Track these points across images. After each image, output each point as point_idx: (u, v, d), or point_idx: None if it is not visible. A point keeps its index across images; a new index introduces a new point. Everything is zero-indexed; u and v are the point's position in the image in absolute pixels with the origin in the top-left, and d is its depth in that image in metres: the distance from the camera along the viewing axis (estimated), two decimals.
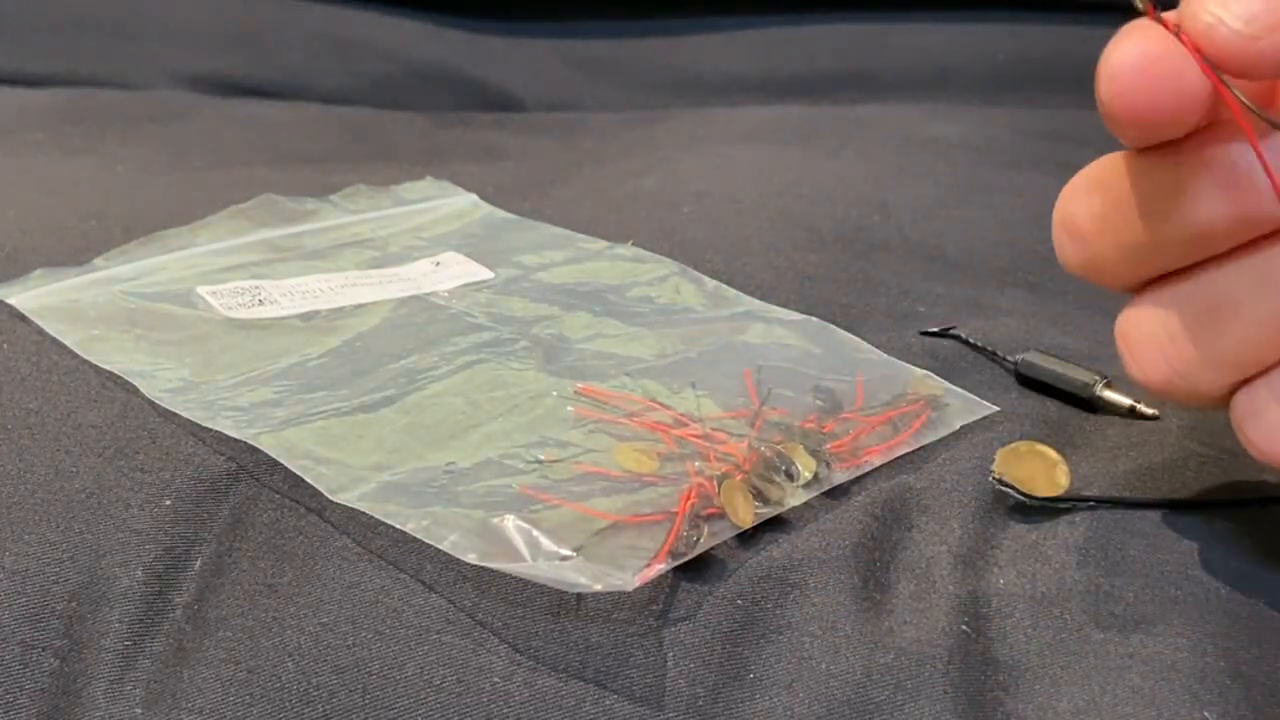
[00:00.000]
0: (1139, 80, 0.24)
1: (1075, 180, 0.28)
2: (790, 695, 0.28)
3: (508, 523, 0.31)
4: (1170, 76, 0.24)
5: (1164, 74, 0.24)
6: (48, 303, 0.42)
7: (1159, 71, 0.24)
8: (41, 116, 0.65)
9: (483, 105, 0.73)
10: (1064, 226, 0.28)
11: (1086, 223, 0.28)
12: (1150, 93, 0.24)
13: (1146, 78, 0.24)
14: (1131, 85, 0.24)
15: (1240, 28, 0.23)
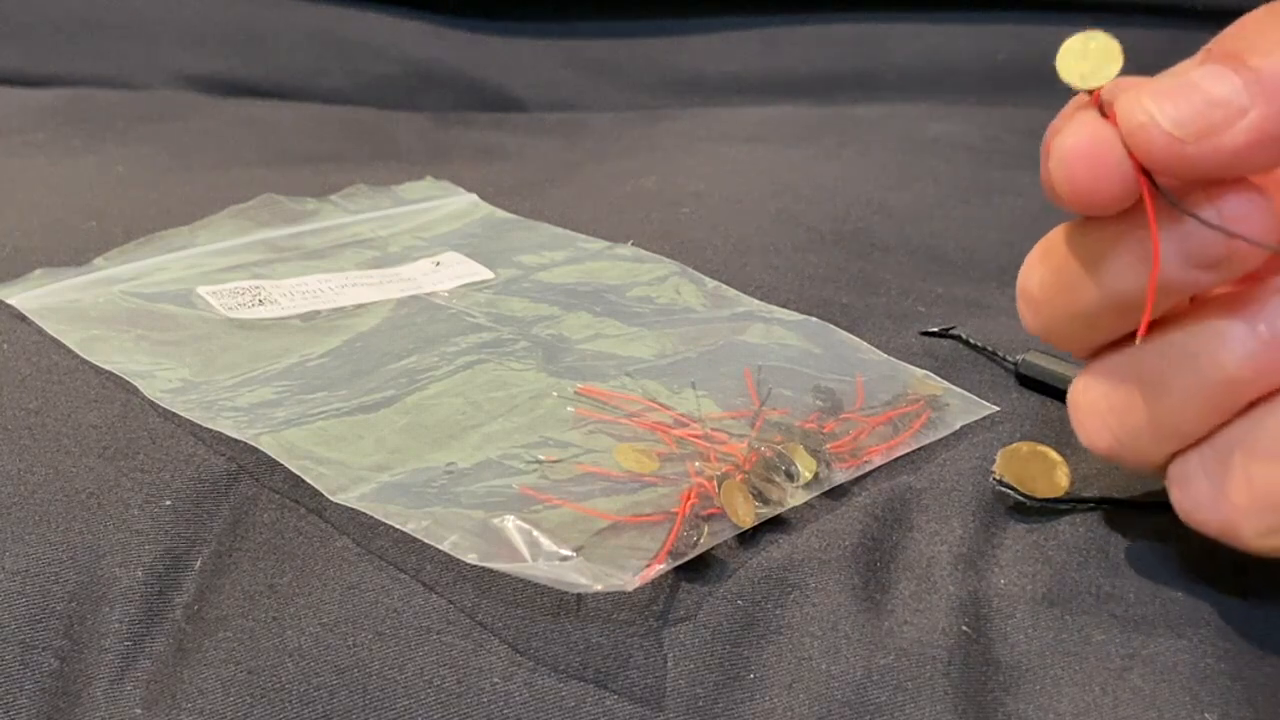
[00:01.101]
0: (1084, 167, 0.25)
1: (1033, 249, 0.29)
2: (790, 695, 0.28)
3: (508, 523, 0.31)
4: (1113, 165, 0.25)
5: (1107, 163, 0.25)
6: (48, 303, 0.42)
7: (1102, 161, 0.25)
8: (41, 116, 0.65)
9: (483, 105, 0.73)
10: (1021, 293, 0.29)
11: (1037, 290, 0.29)
12: (1093, 179, 0.25)
13: (1090, 166, 0.25)
14: (1076, 172, 0.25)
15: (1171, 130, 0.24)
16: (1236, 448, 0.26)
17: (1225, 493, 0.27)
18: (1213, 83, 0.24)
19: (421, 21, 0.75)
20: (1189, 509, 0.27)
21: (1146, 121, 0.25)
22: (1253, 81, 0.24)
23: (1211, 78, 0.24)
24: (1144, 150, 0.25)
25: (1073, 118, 0.26)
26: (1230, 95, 0.24)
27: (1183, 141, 0.24)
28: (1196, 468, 0.27)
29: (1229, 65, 0.24)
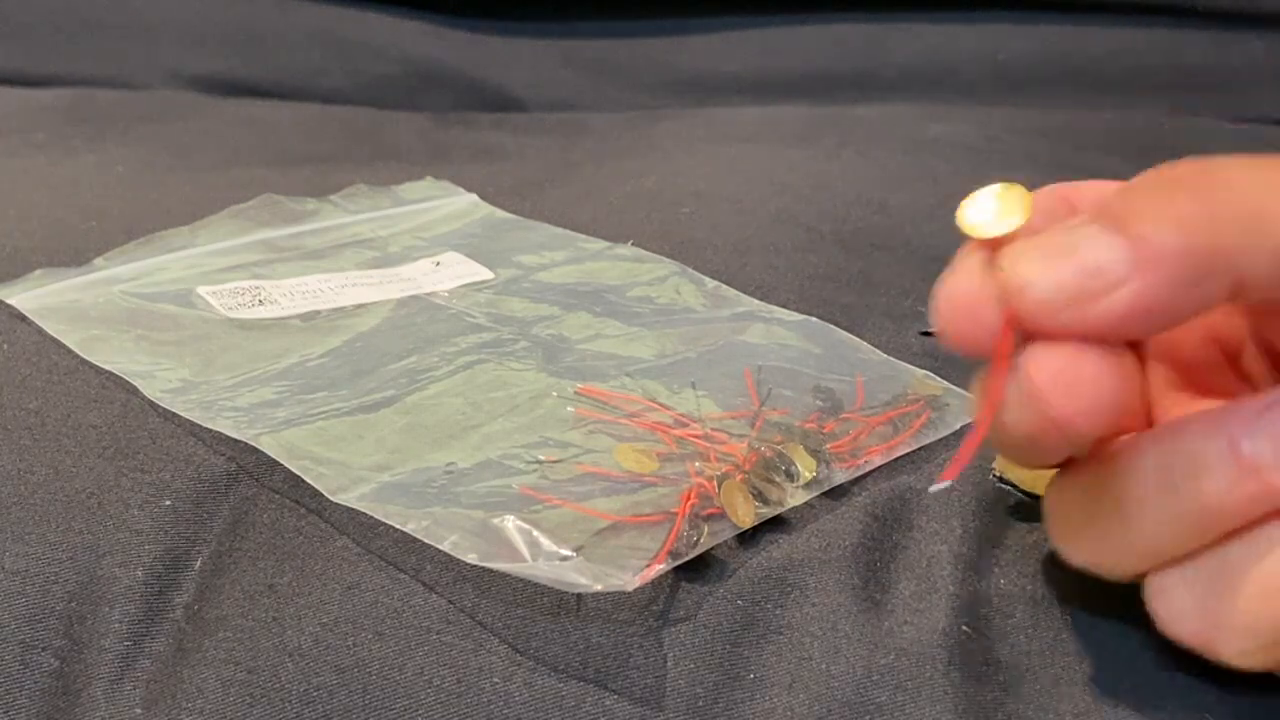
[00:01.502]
0: (960, 315, 0.25)
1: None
2: (790, 696, 0.28)
3: (508, 523, 0.31)
4: (987, 320, 0.25)
5: (981, 317, 0.25)
6: (48, 303, 0.42)
7: (977, 313, 0.25)
8: (41, 116, 0.65)
9: (483, 105, 0.73)
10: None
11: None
12: (969, 329, 0.25)
13: (967, 316, 0.25)
14: (953, 319, 0.25)
15: (1047, 297, 0.24)
16: (1221, 573, 0.25)
17: (1208, 613, 0.26)
18: (1095, 248, 0.23)
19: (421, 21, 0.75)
20: (1167, 621, 0.26)
21: (1023, 284, 0.24)
22: (1134, 250, 0.23)
23: (1094, 242, 0.23)
24: (1020, 311, 0.24)
25: (962, 261, 0.25)
26: (1109, 264, 0.23)
27: (1058, 309, 0.24)
28: (1177, 583, 0.26)
29: (1115, 229, 0.23)
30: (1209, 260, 0.23)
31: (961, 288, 0.25)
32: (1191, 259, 0.23)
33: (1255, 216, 0.23)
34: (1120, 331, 0.24)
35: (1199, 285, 0.23)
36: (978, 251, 0.25)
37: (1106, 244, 0.23)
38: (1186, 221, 0.23)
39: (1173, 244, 0.23)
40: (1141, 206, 0.23)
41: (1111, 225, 0.23)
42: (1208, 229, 0.23)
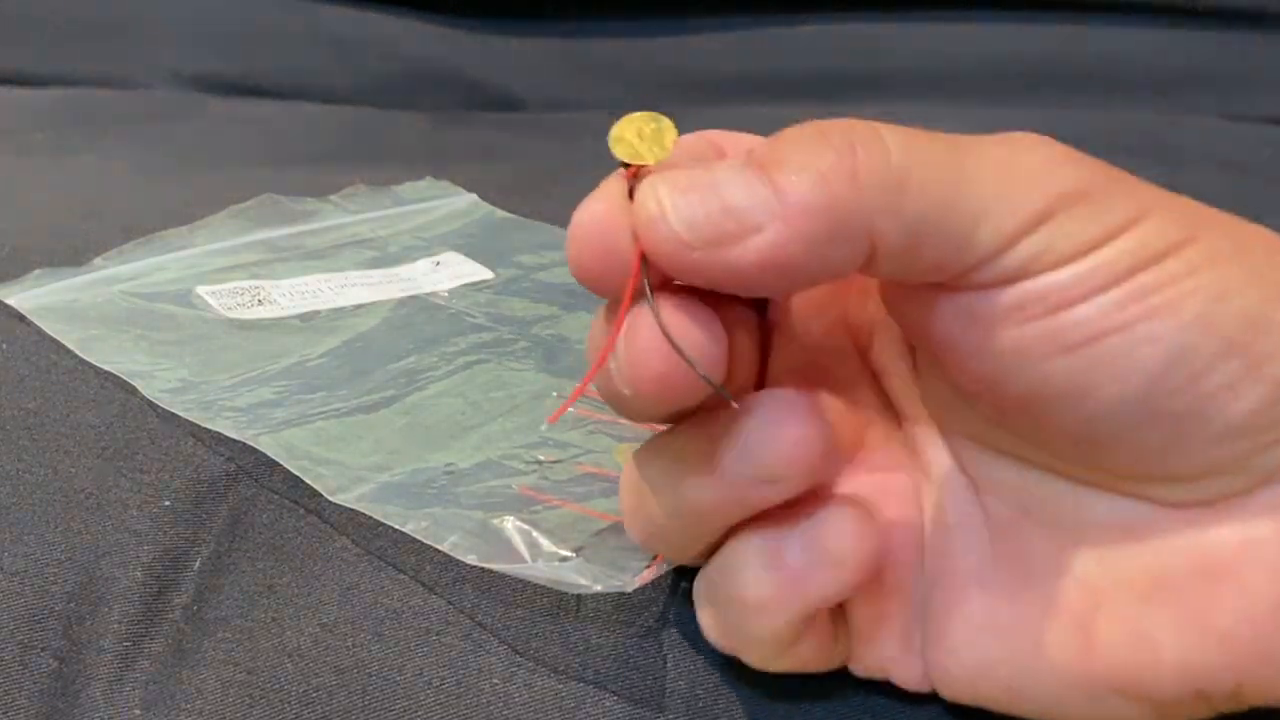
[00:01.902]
0: (589, 243, 0.24)
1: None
2: (791, 697, 0.28)
3: (507, 524, 0.31)
4: (619, 250, 0.24)
5: (613, 246, 0.24)
6: (47, 303, 0.42)
7: (609, 242, 0.24)
8: (41, 116, 0.65)
9: (483, 105, 0.73)
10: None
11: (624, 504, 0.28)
12: (599, 258, 0.24)
13: (597, 243, 0.24)
14: (582, 246, 0.24)
15: (680, 230, 0.23)
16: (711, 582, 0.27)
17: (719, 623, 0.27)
18: (735, 189, 0.23)
19: (421, 21, 0.75)
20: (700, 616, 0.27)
21: (657, 215, 0.23)
22: (774, 198, 0.22)
23: (736, 182, 0.23)
24: (651, 244, 0.23)
25: (603, 187, 0.24)
26: (748, 206, 0.22)
27: (690, 246, 0.23)
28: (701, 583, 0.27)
29: (758, 174, 0.23)
30: (847, 219, 0.22)
31: (597, 214, 0.24)
32: (830, 215, 0.22)
33: (898, 184, 0.22)
34: (751, 283, 0.23)
35: (835, 244, 0.22)
36: (620, 180, 0.24)
37: (748, 187, 0.22)
38: (829, 176, 0.22)
39: (813, 197, 0.22)
40: (787, 155, 0.23)
41: (756, 170, 0.23)
42: (849, 187, 0.22)
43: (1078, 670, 0.25)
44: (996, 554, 0.27)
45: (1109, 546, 0.25)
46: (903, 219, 0.22)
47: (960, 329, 0.24)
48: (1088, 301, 0.23)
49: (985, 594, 0.26)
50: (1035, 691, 0.25)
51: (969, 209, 0.23)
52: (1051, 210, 0.23)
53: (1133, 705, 0.25)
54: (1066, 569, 0.25)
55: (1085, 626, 0.25)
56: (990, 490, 0.27)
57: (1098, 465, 0.25)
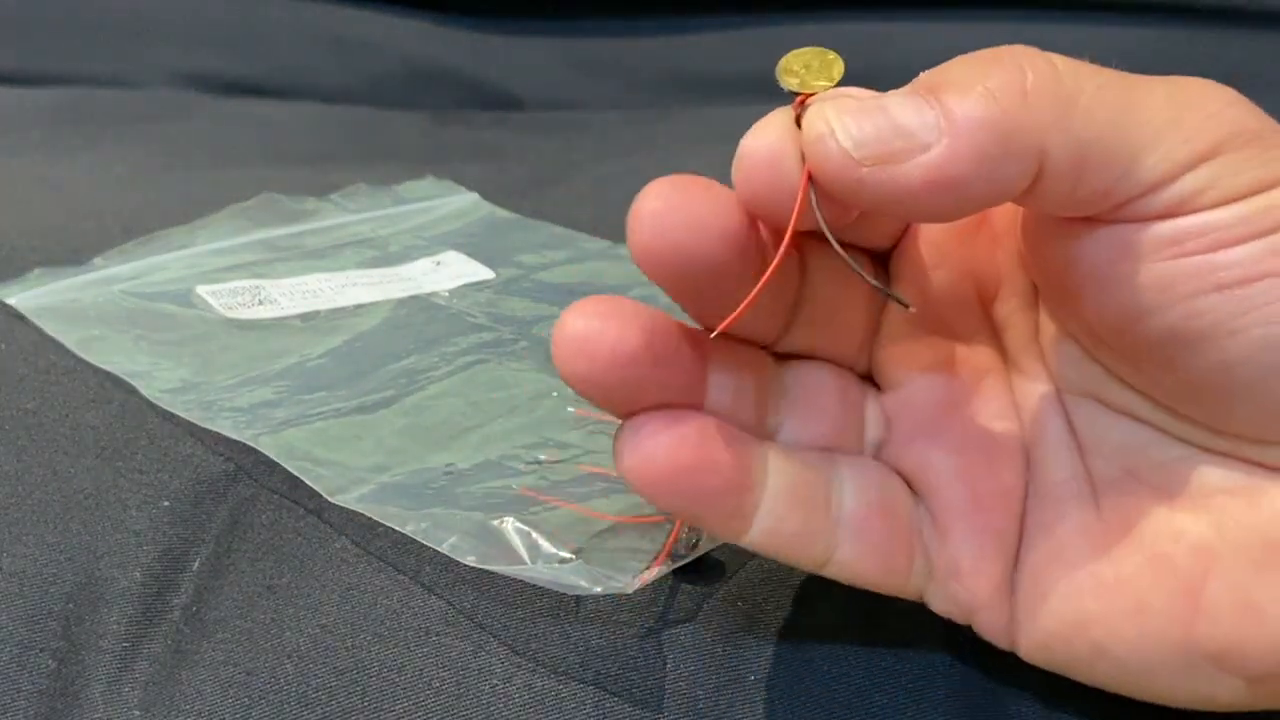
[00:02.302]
0: (758, 170, 0.24)
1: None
2: (791, 698, 0.28)
3: (507, 525, 0.31)
4: (787, 174, 0.24)
5: (781, 170, 0.24)
6: (46, 303, 0.42)
7: (777, 167, 0.24)
8: (41, 116, 0.65)
9: (483, 105, 0.73)
10: None
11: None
12: (767, 183, 0.24)
13: (766, 169, 0.24)
14: (750, 173, 0.24)
15: (848, 147, 0.23)
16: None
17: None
18: (903, 110, 0.23)
19: (421, 21, 0.75)
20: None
21: (825, 133, 0.23)
22: (942, 119, 0.23)
23: (903, 105, 0.23)
24: (818, 164, 0.23)
25: (769, 117, 0.24)
26: (917, 126, 0.23)
27: (858, 164, 0.23)
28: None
29: (926, 97, 0.23)
30: (1016, 134, 0.22)
31: (764, 141, 0.24)
32: (999, 129, 0.22)
33: (1068, 102, 0.22)
34: (917, 204, 0.23)
35: (1004, 161, 0.22)
36: (787, 111, 0.24)
37: (916, 108, 0.23)
38: (998, 93, 0.22)
39: (982, 112, 0.22)
40: (955, 77, 0.23)
41: (924, 93, 0.23)
42: (1019, 103, 0.22)
43: (1177, 635, 0.25)
44: (1103, 513, 0.26)
45: (1224, 512, 0.25)
46: (1072, 137, 0.22)
47: (1110, 262, 0.24)
48: (1248, 244, 0.23)
49: (1089, 550, 0.26)
50: (1124, 654, 0.25)
51: (1138, 135, 0.23)
52: (1221, 147, 0.23)
53: (1224, 678, 0.24)
54: (1178, 532, 0.25)
55: (1192, 590, 0.25)
56: (1099, 452, 0.27)
57: (1218, 421, 0.25)
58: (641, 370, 0.24)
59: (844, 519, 0.27)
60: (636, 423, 0.25)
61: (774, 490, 0.26)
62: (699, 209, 0.24)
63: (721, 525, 0.26)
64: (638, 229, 0.24)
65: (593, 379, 0.24)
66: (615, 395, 0.25)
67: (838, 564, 0.27)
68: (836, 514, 0.27)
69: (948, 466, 0.27)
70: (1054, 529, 0.27)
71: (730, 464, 0.25)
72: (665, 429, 0.25)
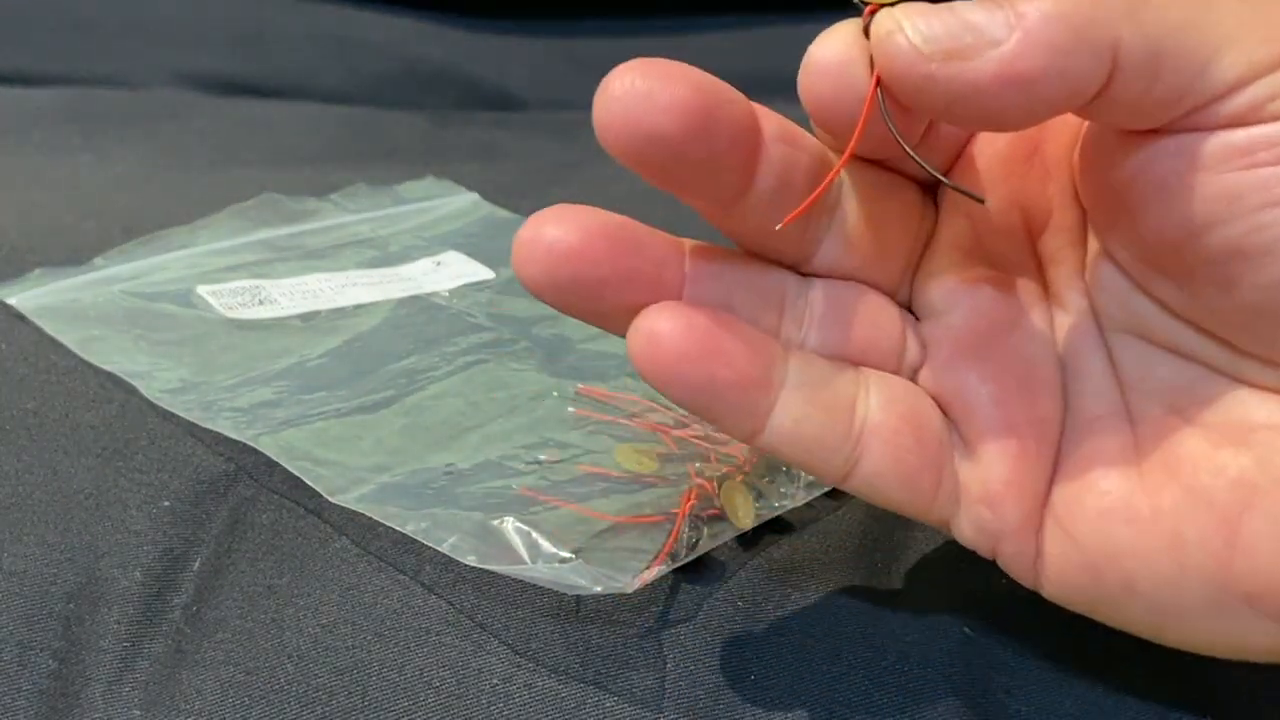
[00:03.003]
0: (825, 77, 0.24)
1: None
2: (791, 698, 0.28)
3: (507, 525, 0.31)
4: (854, 80, 0.24)
5: (848, 77, 0.24)
6: (46, 303, 0.42)
7: (844, 73, 0.24)
8: (41, 116, 0.65)
9: (483, 105, 0.73)
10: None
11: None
12: (833, 91, 0.24)
13: (833, 77, 0.24)
14: (817, 80, 0.24)
15: (917, 42, 0.23)
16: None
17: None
18: (974, 9, 0.23)
19: (421, 21, 0.75)
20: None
21: (894, 30, 0.23)
22: (1013, 17, 0.22)
23: (974, 6, 0.23)
24: (887, 61, 0.23)
25: (836, 26, 0.24)
26: (986, 24, 0.22)
27: (927, 59, 0.23)
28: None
29: (996, 1, 0.23)
30: (1089, 27, 0.22)
31: (831, 47, 0.24)
32: (1072, 21, 0.22)
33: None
34: (988, 104, 0.23)
35: (1076, 55, 0.22)
36: (856, 21, 0.24)
37: (987, 8, 0.22)
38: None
39: (1053, 6, 0.22)
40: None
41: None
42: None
43: (1211, 570, 0.24)
44: (1141, 448, 0.26)
45: (1269, 447, 0.24)
46: (1145, 31, 0.22)
47: (1176, 174, 0.23)
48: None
49: (1125, 483, 0.26)
50: (1155, 591, 0.25)
51: (1214, 33, 0.22)
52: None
53: (1257, 620, 0.24)
54: (1219, 467, 0.25)
55: (1231, 524, 0.24)
56: (1141, 388, 0.27)
57: (1271, 348, 0.24)
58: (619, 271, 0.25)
59: (869, 429, 0.26)
60: (651, 310, 0.25)
61: (793, 389, 0.26)
62: (658, 89, 0.23)
63: (734, 422, 0.25)
64: (600, 109, 0.24)
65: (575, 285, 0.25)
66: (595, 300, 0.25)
67: (860, 477, 0.26)
68: (861, 424, 0.26)
69: (984, 391, 0.27)
70: (1089, 461, 0.26)
71: (744, 355, 0.25)
72: (677, 315, 0.25)
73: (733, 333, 0.25)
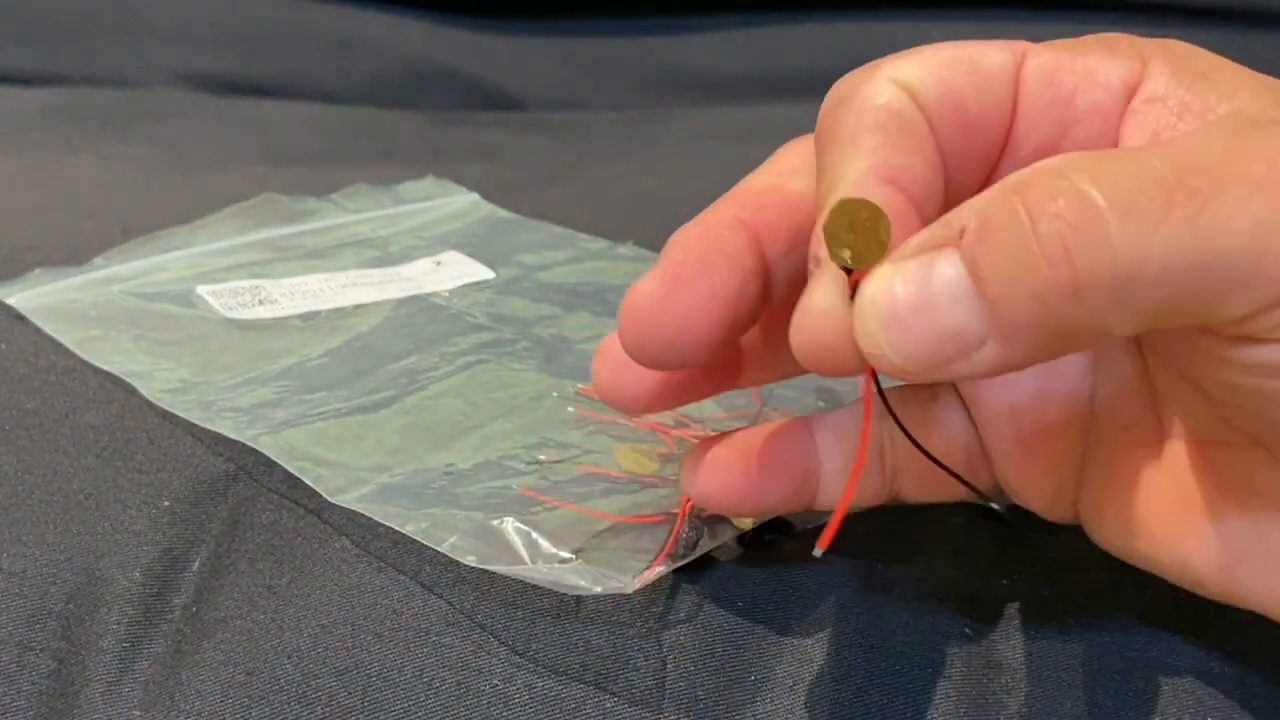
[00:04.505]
0: (818, 351, 0.23)
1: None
2: (791, 698, 0.28)
3: (507, 525, 0.31)
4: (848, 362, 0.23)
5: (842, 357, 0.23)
6: (46, 303, 0.42)
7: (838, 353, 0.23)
8: (40, 115, 0.65)
9: (483, 105, 0.73)
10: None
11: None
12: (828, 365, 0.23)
13: (826, 353, 0.23)
14: (812, 352, 0.23)
15: (899, 363, 0.22)
16: None
17: None
18: (950, 311, 0.21)
19: (421, 21, 0.75)
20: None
21: (876, 354, 0.22)
22: (991, 316, 0.21)
23: (950, 302, 0.21)
24: (876, 367, 0.23)
25: (819, 292, 0.23)
26: (966, 327, 0.21)
27: (913, 373, 0.22)
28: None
29: (972, 285, 0.21)
30: (1070, 331, 0.21)
31: (821, 332, 0.23)
32: (1051, 331, 0.21)
33: (1127, 283, 0.20)
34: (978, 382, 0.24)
35: (1063, 348, 0.22)
36: (839, 284, 0.23)
37: (963, 307, 0.21)
38: (1045, 296, 0.20)
39: (1029, 318, 0.21)
40: (999, 264, 0.21)
41: (969, 276, 0.21)
42: (1070, 303, 0.20)
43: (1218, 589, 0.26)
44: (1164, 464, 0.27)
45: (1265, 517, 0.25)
46: (1136, 314, 0.21)
47: (1192, 367, 0.24)
48: None
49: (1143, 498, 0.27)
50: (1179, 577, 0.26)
51: (1217, 287, 0.20)
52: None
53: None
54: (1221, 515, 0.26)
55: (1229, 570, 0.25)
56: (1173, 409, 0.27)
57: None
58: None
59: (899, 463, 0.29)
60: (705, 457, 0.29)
61: (831, 471, 0.29)
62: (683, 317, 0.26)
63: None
64: (625, 328, 0.27)
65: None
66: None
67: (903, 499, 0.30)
68: (892, 462, 0.29)
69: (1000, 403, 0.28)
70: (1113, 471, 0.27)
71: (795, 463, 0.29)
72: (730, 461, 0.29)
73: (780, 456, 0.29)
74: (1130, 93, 0.25)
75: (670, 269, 0.27)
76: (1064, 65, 0.26)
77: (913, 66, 0.25)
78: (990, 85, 0.25)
